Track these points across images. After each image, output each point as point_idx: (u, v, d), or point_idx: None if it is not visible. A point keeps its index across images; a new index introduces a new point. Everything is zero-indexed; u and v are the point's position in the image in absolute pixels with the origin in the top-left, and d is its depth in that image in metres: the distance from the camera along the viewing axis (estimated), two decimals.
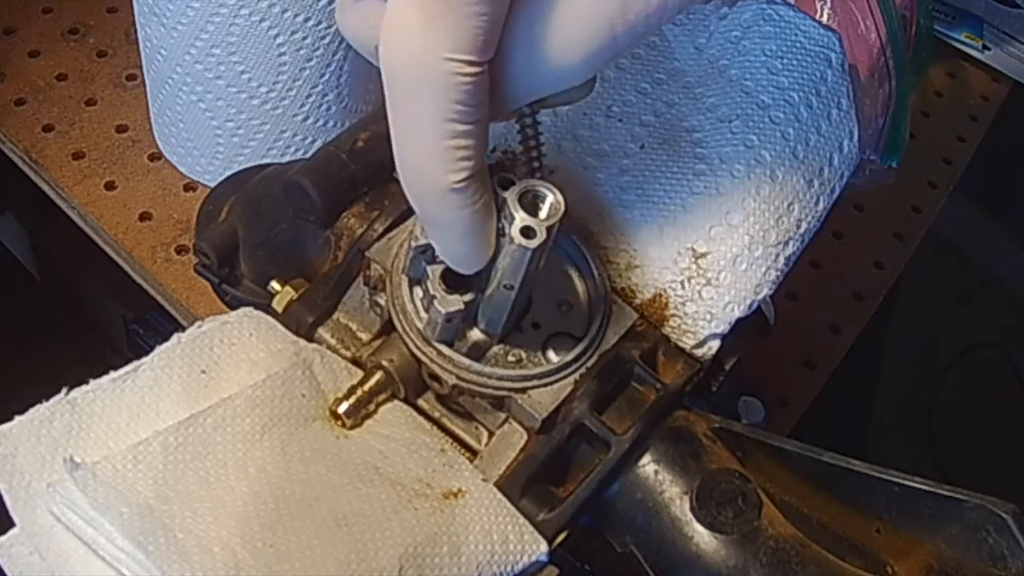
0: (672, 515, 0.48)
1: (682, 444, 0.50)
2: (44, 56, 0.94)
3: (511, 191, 0.43)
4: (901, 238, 0.99)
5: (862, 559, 0.49)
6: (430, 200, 0.41)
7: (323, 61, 0.79)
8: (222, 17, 0.74)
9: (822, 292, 0.94)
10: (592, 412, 0.49)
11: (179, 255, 0.83)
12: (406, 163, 0.40)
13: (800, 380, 0.88)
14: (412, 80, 0.38)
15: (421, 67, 0.37)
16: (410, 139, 0.40)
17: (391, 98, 0.39)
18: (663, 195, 0.54)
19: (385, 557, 0.43)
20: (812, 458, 0.50)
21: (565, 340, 0.50)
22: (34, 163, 0.87)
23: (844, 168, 0.57)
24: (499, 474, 0.48)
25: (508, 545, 0.45)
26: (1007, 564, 0.46)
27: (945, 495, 0.47)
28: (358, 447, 0.47)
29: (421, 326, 0.48)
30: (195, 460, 0.44)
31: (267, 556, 0.42)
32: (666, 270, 0.54)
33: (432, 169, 0.40)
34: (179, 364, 0.48)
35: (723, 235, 0.54)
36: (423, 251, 0.48)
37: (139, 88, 0.91)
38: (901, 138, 0.97)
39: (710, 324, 0.53)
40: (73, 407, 0.46)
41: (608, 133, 0.57)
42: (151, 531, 0.41)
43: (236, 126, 0.82)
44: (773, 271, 0.54)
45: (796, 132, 0.55)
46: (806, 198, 0.55)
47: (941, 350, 1.37)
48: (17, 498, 0.44)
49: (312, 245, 0.56)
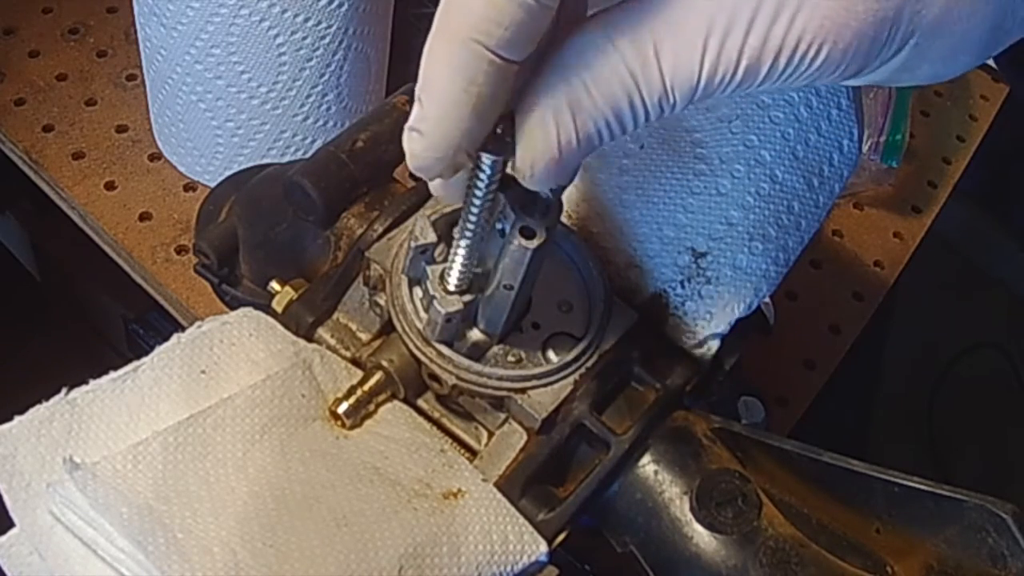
0: (672, 515, 0.48)
1: (682, 444, 0.50)
2: (44, 56, 0.94)
3: (511, 192, 0.43)
4: (901, 238, 0.99)
5: (862, 559, 0.49)
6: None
7: (323, 61, 0.79)
8: (222, 17, 0.74)
9: (822, 292, 0.94)
10: (592, 412, 0.49)
11: (179, 255, 0.83)
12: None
13: (800, 380, 0.88)
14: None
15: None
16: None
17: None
18: (663, 195, 0.54)
19: (385, 557, 0.43)
20: (812, 458, 0.50)
21: (565, 340, 0.50)
22: (34, 163, 0.87)
23: (844, 168, 0.57)
24: (499, 474, 0.48)
25: (508, 545, 0.45)
26: (1007, 564, 0.46)
27: (945, 495, 0.47)
28: (358, 447, 0.47)
29: (421, 326, 0.48)
30: (195, 460, 0.44)
31: (267, 556, 0.42)
32: (666, 270, 0.54)
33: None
34: (179, 364, 0.48)
35: (723, 235, 0.54)
36: (423, 251, 0.48)
37: (139, 88, 0.92)
38: (901, 138, 0.97)
39: (710, 324, 0.53)
40: (73, 407, 0.46)
41: None
42: (151, 531, 0.41)
43: (236, 126, 0.82)
44: (773, 270, 0.54)
45: (796, 132, 0.55)
46: (806, 198, 0.55)
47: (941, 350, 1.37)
48: (17, 498, 0.44)
49: (312, 245, 0.56)
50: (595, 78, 0.38)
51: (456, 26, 0.36)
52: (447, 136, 0.38)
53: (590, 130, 0.38)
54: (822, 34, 0.36)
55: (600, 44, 0.37)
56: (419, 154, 0.39)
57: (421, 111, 0.38)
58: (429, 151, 0.39)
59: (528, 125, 0.38)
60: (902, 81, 0.41)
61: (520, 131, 0.39)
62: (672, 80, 0.37)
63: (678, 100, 0.38)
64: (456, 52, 0.36)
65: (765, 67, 0.37)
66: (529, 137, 0.39)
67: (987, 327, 1.38)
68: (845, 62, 0.38)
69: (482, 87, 0.37)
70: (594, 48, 0.38)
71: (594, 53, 0.37)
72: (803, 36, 0.36)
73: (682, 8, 0.37)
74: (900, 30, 0.37)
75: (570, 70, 0.38)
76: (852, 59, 0.38)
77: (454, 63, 0.36)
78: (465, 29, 0.36)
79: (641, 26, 0.37)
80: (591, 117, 0.38)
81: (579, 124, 0.38)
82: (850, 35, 0.37)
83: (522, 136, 0.39)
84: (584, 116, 0.38)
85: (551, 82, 0.38)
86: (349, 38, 0.78)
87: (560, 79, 0.38)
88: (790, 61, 0.37)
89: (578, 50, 0.38)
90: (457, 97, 0.37)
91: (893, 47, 0.38)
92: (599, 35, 0.38)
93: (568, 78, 0.38)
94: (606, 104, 0.38)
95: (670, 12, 0.37)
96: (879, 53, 0.38)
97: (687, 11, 0.37)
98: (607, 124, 0.38)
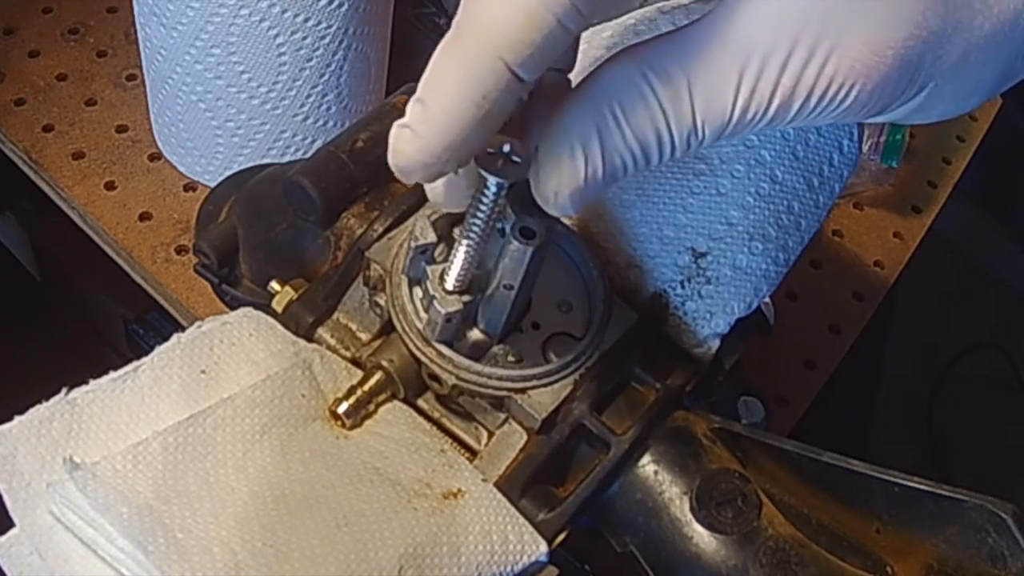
0: (672, 515, 0.48)
1: (682, 444, 0.50)
2: (44, 56, 0.94)
3: (511, 192, 0.43)
4: (901, 238, 0.99)
5: (862, 559, 0.49)
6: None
7: (323, 61, 0.79)
8: (222, 17, 0.74)
9: (822, 292, 0.94)
10: (592, 412, 0.49)
11: (179, 255, 0.83)
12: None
13: (800, 380, 0.88)
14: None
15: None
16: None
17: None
18: (663, 195, 0.54)
19: (385, 557, 0.43)
20: (812, 458, 0.50)
21: (565, 340, 0.50)
22: (34, 163, 0.87)
23: (844, 168, 0.57)
24: (499, 474, 0.48)
25: (508, 545, 0.45)
26: (1007, 564, 0.46)
27: (945, 495, 0.47)
28: (358, 447, 0.47)
29: (421, 326, 0.48)
30: (195, 460, 0.44)
31: (267, 556, 0.42)
32: (666, 270, 0.54)
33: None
34: (179, 364, 0.48)
35: (723, 235, 0.54)
36: (423, 251, 0.48)
37: (139, 88, 0.92)
38: (901, 138, 0.97)
39: (710, 324, 0.53)
40: (73, 407, 0.46)
41: None
42: (151, 531, 0.41)
43: (236, 126, 0.82)
44: (773, 270, 0.54)
45: (796, 132, 0.55)
46: (806, 198, 0.55)
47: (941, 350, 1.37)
48: (17, 498, 0.44)
49: (312, 245, 0.56)
50: (626, 111, 0.38)
51: (481, 39, 0.36)
52: (444, 143, 0.37)
53: (616, 162, 0.38)
54: (852, 76, 0.37)
55: (633, 77, 0.38)
56: (409, 155, 0.38)
57: (422, 113, 0.37)
58: (421, 154, 0.38)
59: (556, 152, 0.38)
60: (914, 120, 0.42)
61: (547, 158, 0.39)
62: (704, 117, 0.38)
63: (707, 136, 0.38)
64: (474, 64, 0.36)
65: (796, 106, 0.38)
66: (556, 164, 0.38)
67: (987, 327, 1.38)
68: (871, 103, 0.38)
69: (493, 103, 0.36)
70: (627, 81, 0.38)
71: (626, 86, 0.37)
72: (835, 77, 0.37)
73: (717, 45, 0.37)
74: (922, 74, 0.38)
75: (601, 101, 0.38)
76: (877, 100, 0.38)
77: (470, 74, 0.36)
78: (492, 44, 0.36)
79: (675, 61, 0.37)
80: (618, 150, 0.38)
81: (607, 155, 0.38)
82: (878, 77, 0.37)
83: (548, 163, 0.39)
84: (611, 148, 0.38)
85: (581, 112, 0.38)
86: (349, 38, 0.79)
87: (591, 109, 0.38)
88: (820, 101, 0.37)
89: (610, 82, 0.38)
90: (466, 107, 0.37)
91: (914, 89, 0.39)
92: (632, 68, 0.38)
93: (599, 109, 0.38)
94: (634, 137, 0.38)
95: (705, 49, 0.37)
96: (901, 95, 0.39)
97: (722, 48, 0.37)
98: (632, 157, 0.38)
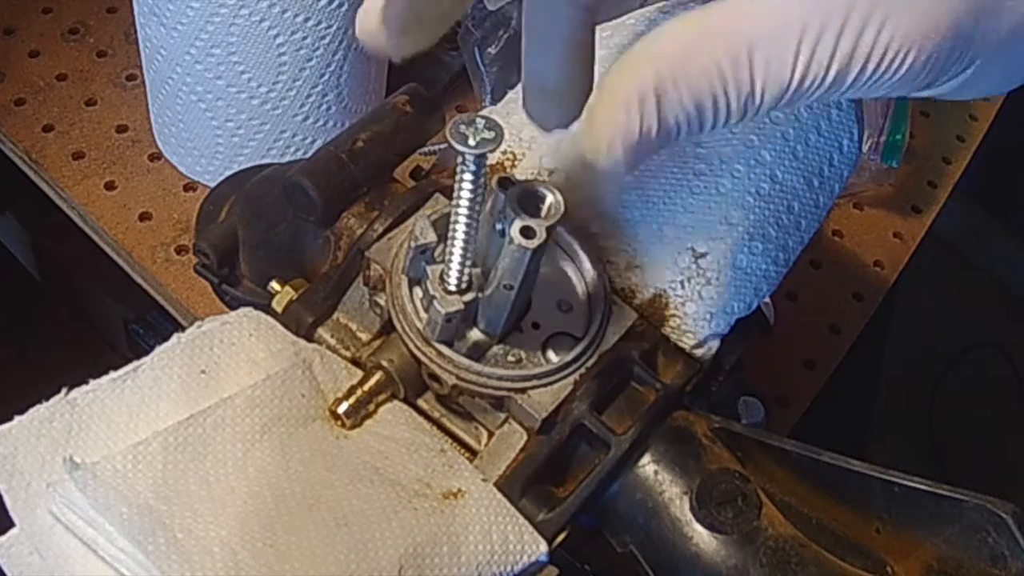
0: (672, 515, 0.48)
1: (682, 444, 0.50)
2: (44, 56, 0.94)
3: (511, 192, 0.43)
4: (901, 238, 0.99)
5: (862, 559, 0.49)
6: None
7: (323, 61, 0.79)
8: (222, 17, 0.74)
9: (822, 292, 0.94)
10: (592, 412, 0.49)
11: (179, 255, 0.83)
12: None
13: (800, 380, 0.88)
14: None
15: None
16: None
17: None
18: (663, 195, 0.54)
19: (385, 557, 0.43)
20: (812, 458, 0.50)
21: (565, 340, 0.50)
22: (34, 163, 0.87)
23: (844, 168, 0.57)
24: (499, 474, 0.48)
25: (508, 545, 0.45)
26: (1007, 564, 0.46)
27: (945, 495, 0.47)
28: (358, 447, 0.47)
29: (421, 326, 0.48)
30: (195, 460, 0.44)
31: (267, 556, 0.42)
32: (666, 270, 0.54)
33: None
34: (179, 364, 0.48)
35: (723, 235, 0.54)
36: (423, 251, 0.48)
37: (139, 88, 0.92)
38: (901, 138, 0.97)
39: (710, 324, 0.53)
40: (73, 407, 0.46)
41: None
42: (151, 531, 0.41)
43: (236, 126, 0.82)
44: (773, 270, 0.54)
45: (796, 132, 0.55)
46: (806, 197, 0.55)
47: (941, 350, 1.37)
48: (17, 498, 0.44)
49: (312, 245, 0.56)
50: (686, 71, 0.38)
51: None
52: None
53: (670, 122, 0.38)
54: (907, 43, 0.37)
55: (693, 38, 0.38)
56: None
57: None
58: None
59: (614, 104, 0.38)
60: (957, 96, 0.42)
61: (602, 109, 0.39)
62: (764, 83, 0.38)
63: (765, 103, 0.38)
64: None
65: (853, 73, 0.38)
66: (612, 116, 0.38)
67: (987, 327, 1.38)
68: (924, 73, 0.38)
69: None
70: (688, 41, 0.38)
71: (687, 46, 0.38)
72: (891, 44, 0.37)
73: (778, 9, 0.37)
74: (973, 46, 0.38)
75: (661, 60, 0.38)
76: (930, 71, 0.38)
77: None
78: None
79: (736, 24, 0.37)
80: (674, 109, 0.38)
81: (662, 113, 0.38)
82: (931, 47, 0.37)
83: (604, 114, 0.39)
84: (668, 106, 0.38)
85: (640, 67, 0.38)
86: (349, 38, 0.78)
87: (650, 66, 0.38)
88: (877, 68, 0.38)
89: (671, 41, 0.38)
90: None
91: (964, 62, 0.39)
92: (693, 29, 0.38)
93: (658, 67, 0.38)
94: (691, 98, 0.38)
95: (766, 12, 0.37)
96: (952, 67, 0.39)
97: (783, 13, 0.37)
98: (688, 119, 0.38)
